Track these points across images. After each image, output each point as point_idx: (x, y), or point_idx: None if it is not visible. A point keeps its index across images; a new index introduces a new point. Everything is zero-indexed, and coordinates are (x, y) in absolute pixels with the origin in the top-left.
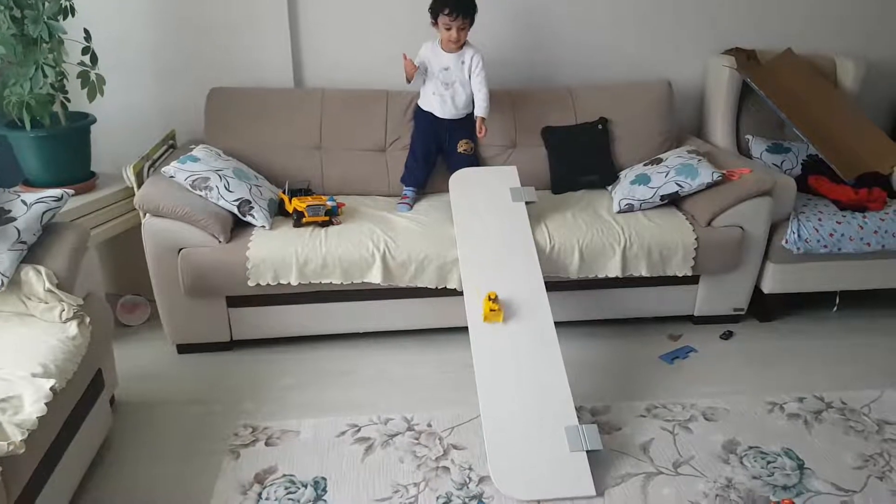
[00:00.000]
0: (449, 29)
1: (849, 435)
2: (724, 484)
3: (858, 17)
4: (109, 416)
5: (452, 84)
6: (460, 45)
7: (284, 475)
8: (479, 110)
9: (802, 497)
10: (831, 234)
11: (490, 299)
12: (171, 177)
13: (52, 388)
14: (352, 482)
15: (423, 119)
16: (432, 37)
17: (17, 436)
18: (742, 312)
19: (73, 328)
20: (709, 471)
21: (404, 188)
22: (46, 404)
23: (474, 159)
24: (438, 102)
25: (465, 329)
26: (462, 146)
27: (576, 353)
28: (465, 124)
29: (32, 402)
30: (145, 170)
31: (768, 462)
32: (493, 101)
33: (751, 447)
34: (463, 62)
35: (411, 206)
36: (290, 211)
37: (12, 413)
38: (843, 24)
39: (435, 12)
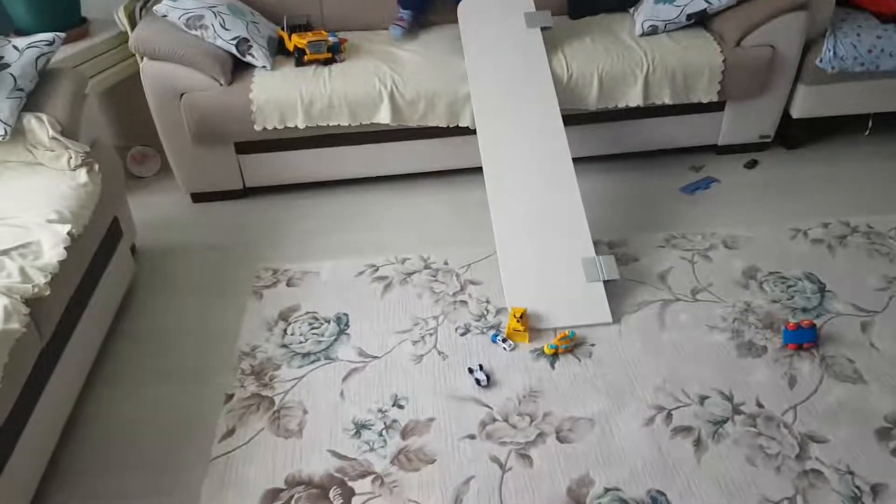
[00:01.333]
0: None
1: (873, 258)
2: (742, 308)
3: None
4: (132, 263)
5: None
6: None
7: (308, 312)
8: None
9: (822, 318)
10: (870, 51)
11: (516, 317)
12: (164, 16)
13: (69, 233)
14: (373, 317)
15: None
16: None
17: (40, 279)
18: (769, 140)
19: (82, 175)
20: (727, 296)
21: (400, 10)
22: (66, 249)
23: None
24: None
25: (480, 169)
26: None
27: (594, 189)
28: None
29: (52, 247)
30: (137, 11)
31: (788, 286)
32: None
33: (771, 272)
34: None
35: (406, 29)
36: (291, 49)
37: (33, 258)
38: None
39: None
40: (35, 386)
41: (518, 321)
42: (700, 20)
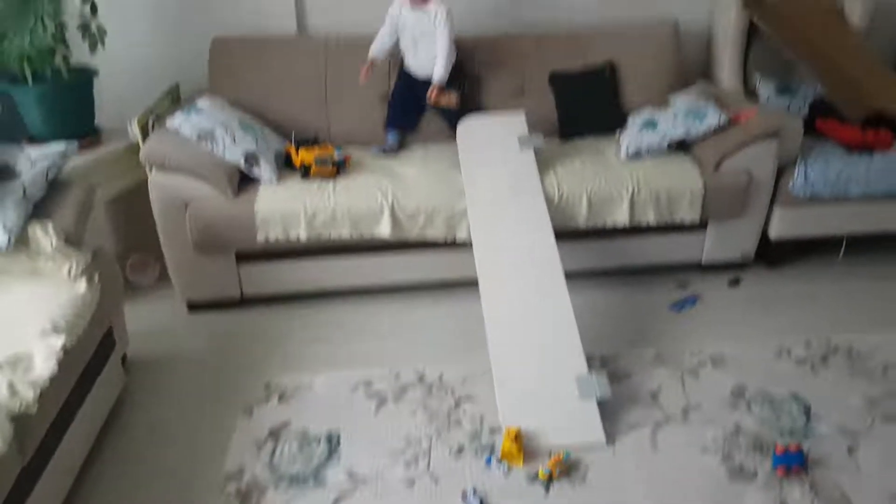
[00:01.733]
0: None
1: (854, 378)
2: (732, 430)
3: None
4: (122, 375)
5: (420, 39)
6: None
7: (298, 430)
8: (435, 74)
9: (809, 440)
10: (838, 177)
11: (511, 438)
12: (177, 130)
13: (62, 346)
14: (365, 436)
15: (404, 76)
16: None
17: (28, 395)
18: (750, 259)
19: (82, 285)
20: (717, 416)
21: (388, 131)
22: (58, 362)
23: (459, 110)
24: (412, 59)
25: (475, 283)
26: (444, 100)
27: (585, 303)
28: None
29: (43, 361)
30: (150, 123)
31: (775, 407)
32: (499, 48)
33: (758, 392)
34: (429, 14)
35: (384, 151)
36: (298, 163)
37: (23, 372)
38: None
39: None
40: None
41: (512, 442)
42: (680, 146)
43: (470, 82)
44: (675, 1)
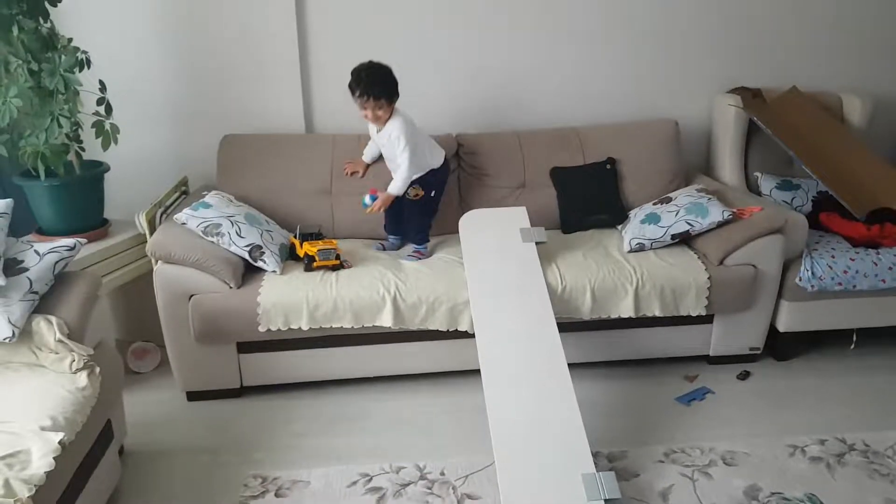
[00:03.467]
0: (363, 108)
1: (874, 479)
2: None
3: (864, 54)
4: (118, 467)
5: (391, 158)
6: (383, 122)
7: None
8: (391, 186)
9: None
10: (845, 272)
11: None
12: (184, 223)
13: (60, 442)
14: None
15: None
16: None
17: (24, 492)
18: (758, 352)
19: (83, 379)
20: None
21: (388, 235)
22: (55, 458)
23: (426, 204)
24: (393, 173)
25: (477, 372)
26: (411, 192)
27: (591, 395)
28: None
29: (41, 457)
30: (157, 216)
31: None
32: (502, 143)
33: (773, 493)
34: (388, 137)
35: (384, 249)
36: (301, 255)
37: (20, 468)
38: (848, 60)
39: (351, 92)
40: None
41: None
42: (684, 240)
43: (472, 178)
44: (676, 100)
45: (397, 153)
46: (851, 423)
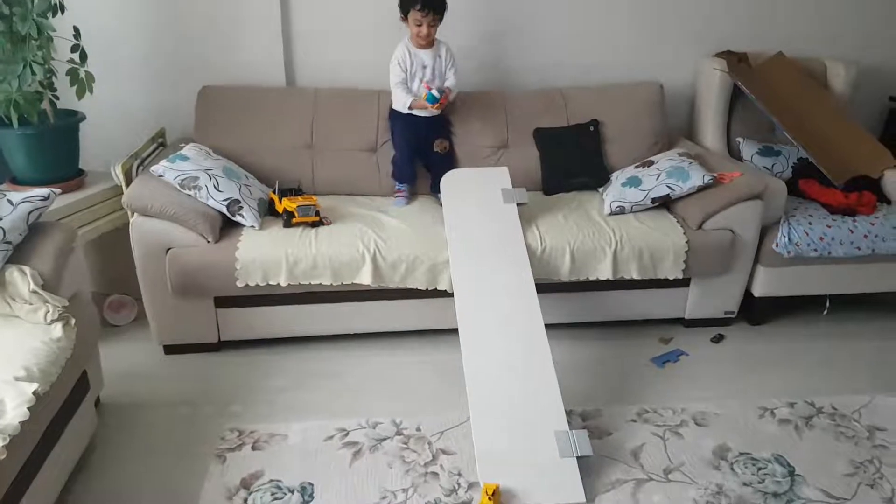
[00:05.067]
0: (419, 25)
1: (839, 441)
2: (714, 491)
3: (850, 22)
4: (94, 418)
5: (433, 81)
6: (431, 40)
7: (271, 480)
8: (448, 81)
9: None
10: (821, 238)
11: (488, 494)
12: (160, 176)
13: (35, 393)
14: (339, 488)
15: (401, 120)
16: (402, 34)
17: None
18: (733, 316)
19: (57, 330)
20: (699, 477)
21: (397, 184)
22: (29, 409)
23: (451, 158)
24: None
25: (455, 331)
26: (438, 146)
27: (566, 356)
28: (441, 122)
29: (15, 407)
30: (134, 168)
31: (759, 469)
32: (486, 102)
33: (741, 453)
34: (440, 56)
35: (408, 200)
36: (280, 211)
37: None
38: (834, 28)
39: (405, 8)
40: None
41: (489, 499)
42: (664, 203)
43: (455, 137)
44: (661, 64)
45: (446, 69)
46: (821, 386)
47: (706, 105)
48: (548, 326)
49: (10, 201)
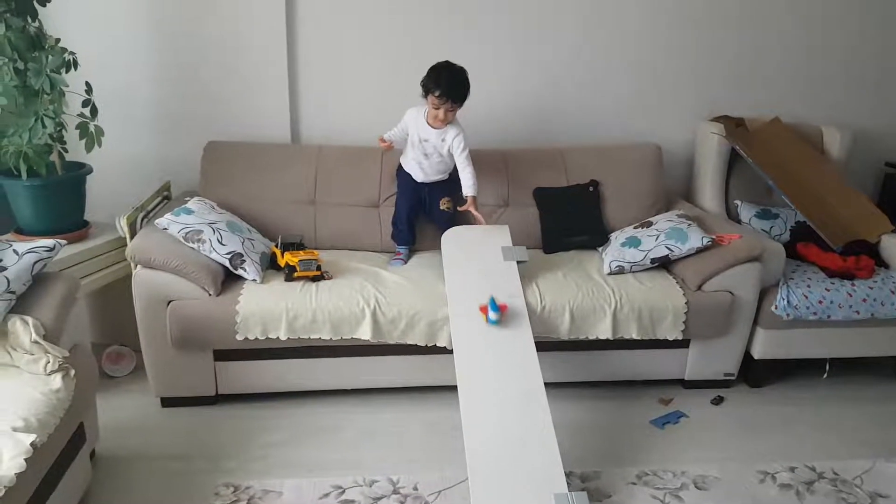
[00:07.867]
0: (437, 108)
1: None
2: None
3: (844, 87)
4: (89, 471)
5: (430, 155)
6: (446, 123)
7: None
8: (468, 189)
9: None
10: (820, 302)
11: None
12: (165, 229)
13: (32, 444)
14: None
15: (405, 178)
16: (420, 102)
17: None
18: (732, 378)
19: (57, 381)
20: None
21: (396, 246)
22: (26, 460)
23: (455, 216)
24: (417, 168)
25: (454, 388)
26: (443, 204)
27: (566, 415)
28: (444, 184)
29: (12, 458)
30: (139, 221)
31: None
32: (487, 161)
33: None
34: (444, 140)
35: (405, 262)
36: (282, 265)
37: None
38: (830, 93)
39: (426, 89)
40: None
41: None
42: (663, 264)
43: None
44: (660, 127)
45: (456, 155)
46: (822, 451)
47: (704, 167)
48: (547, 385)
49: (15, 251)
